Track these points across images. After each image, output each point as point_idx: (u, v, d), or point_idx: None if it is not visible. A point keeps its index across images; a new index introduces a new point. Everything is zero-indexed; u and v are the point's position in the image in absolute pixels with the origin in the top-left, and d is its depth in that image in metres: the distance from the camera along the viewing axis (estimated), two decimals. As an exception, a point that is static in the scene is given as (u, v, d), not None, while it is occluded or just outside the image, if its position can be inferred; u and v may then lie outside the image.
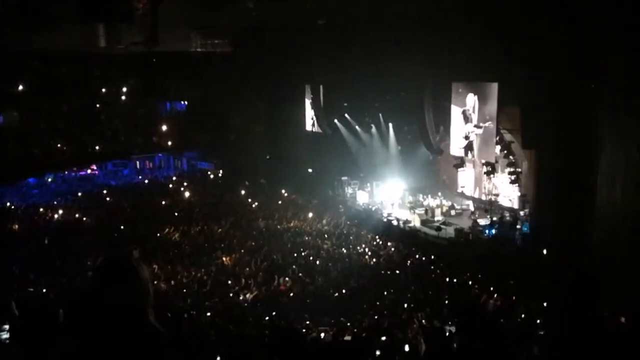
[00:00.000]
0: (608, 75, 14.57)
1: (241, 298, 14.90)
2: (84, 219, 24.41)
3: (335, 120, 27.18)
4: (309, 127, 29.28)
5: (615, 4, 13.61)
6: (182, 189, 29.70)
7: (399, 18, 19.31)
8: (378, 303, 13.92)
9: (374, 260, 18.42)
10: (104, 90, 34.06)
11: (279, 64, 27.02)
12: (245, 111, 31.95)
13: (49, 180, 32.24)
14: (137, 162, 35.73)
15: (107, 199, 28.41)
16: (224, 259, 18.21)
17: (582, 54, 14.67)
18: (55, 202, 27.36)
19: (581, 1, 14.25)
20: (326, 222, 22.96)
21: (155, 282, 14.96)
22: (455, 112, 20.37)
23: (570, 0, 14.60)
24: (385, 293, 14.73)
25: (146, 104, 35.13)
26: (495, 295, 13.79)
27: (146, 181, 33.66)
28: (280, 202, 26.47)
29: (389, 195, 24.12)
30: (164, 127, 35.38)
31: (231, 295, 15.07)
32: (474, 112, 19.57)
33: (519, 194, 19.81)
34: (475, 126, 19.59)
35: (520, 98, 17.33)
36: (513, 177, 19.58)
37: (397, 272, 16.87)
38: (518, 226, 18.68)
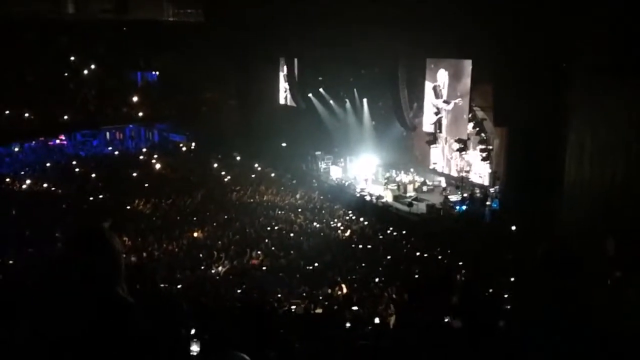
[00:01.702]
0: (579, 55, 14.76)
1: (213, 271, 14.89)
2: (53, 189, 23.96)
3: (310, 95, 27.03)
4: (282, 101, 29.07)
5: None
6: (153, 161, 29.30)
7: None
8: (349, 277, 14.07)
9: (347, 234, 18.57)
10: (72, 58, 33.13)
11: (253, 36, 26.64)
12: (218, 83, 31.55)
13: (16, 150, 31.47)
14: (107, 133, 35.03)
15: (76, 169, 27.90)
16: (195, 232, 18.13)
17: (554, 33, 14.80)
18: (22, 173, 26.77)
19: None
20: (299, 196, 23.01)
21: (126, 255, 14.83)
22: (428, 87, 20.46)
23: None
24: (357, 267, 14.88)
25: (116, 74, 34.34)
26: (464, 270, 14.05)
27: (116, 152, 33.11)
28: (253, 175, 26.37)
29: (363, 170, 24.23)
30: (135, 98, 34.69)
31: (203, 268, 15.05)
32: (444, 87, 19.68)
33: (489, 171, 20.09)
34: (444, 102, 19.72)
35: (493, 76, 17.47)
36: (484, 154, 19.83)
37: (369, 246, 17.05)
38: (488, 203, 19.00)
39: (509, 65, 16.09)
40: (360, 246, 17.11)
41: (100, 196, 22.21)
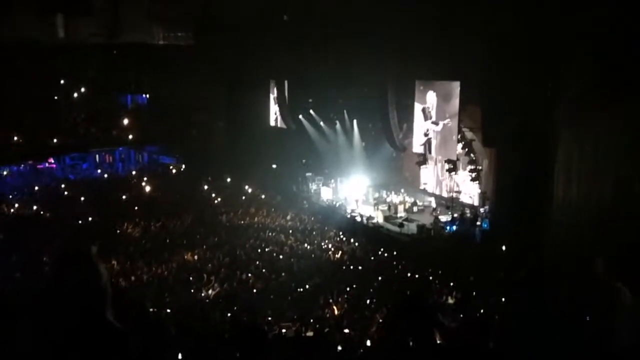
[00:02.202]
0: (564, 77, 14.97)
1: (202, 294, 14.76)
2: (41, 212, 23.76)
3: (300, 116, 27.16)
4: (272, 123, 29.17)
5: (573, 7, 13.98)
6: (142, 183, 29.18)
7: (363, 17, 19.40)
8: (340, 299, 13.99)
9: (337, 256, 18.51)
10: (62, 81, 33.14)
11: (244, 59, 26.82)
12: (208, 105, 31.63)
13: (4, 173, 31.24)
14: (97, 156, 34.91)
15: (65, 193, 27.71)
16: (185, 255, 18.00)
17: (540, 55, 15.03)
18: (11, 196, 26.54)
19: (540, 5, 14.60)
20: (290, 217, 22.95)
21: (114, 278, 14.69)
22: (417, 109, 20.65)
23: (530, 3, 14.93)
24: (348, 289, 14.81)
25: (106, 97, 34.37)
26: (455, 291, 14.04)
27: (105, 175, 32.96)
28: (243, 197, 26.31)
29: (353, 191, 24.26)
30: (125, 121, 34.67)
31: (192, 291, 14.92)
32: (433, 109, 19.87)
33: (479, 191, 20.19)
34: (433, 122, 19.89)
35: (481, 97, 17.66)
36: (474, 175, 19.95)
37: (360, 268, 16.99)
38: (478, 223, 19.06)
39: (496, 87, 16.28)
40: (351, 267, 17.05)
41: (89, 219, 22.05)
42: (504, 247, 16.67)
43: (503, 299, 11.42)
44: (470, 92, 18.25)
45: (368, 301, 13.67)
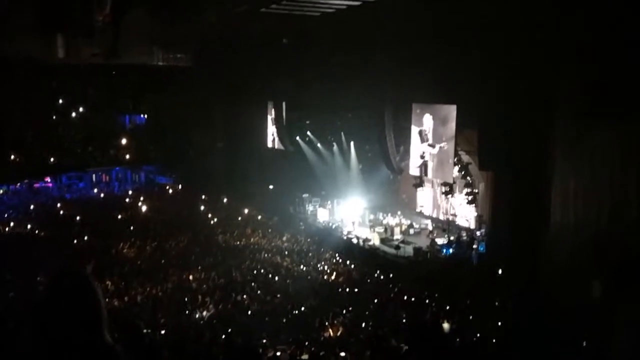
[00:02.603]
0: (560, 101, 15.10)
1: (197, 316, 14.64)
2: (36, 232, 23.65)
3: (297, 138, 27.26)
4: (270, 144, 29.26)
5: (567, 32, 14.17)
6: (139, 203, 29.11)
7: (360, 40, 19.62)
8: (336, 322, 13.89)
9: (333, 278, 18.42)
10: (61, 101, 33.26)
11: (242, 81, 27.00)
12: (206, 126, 31.74)
13: (0, 192, 31.15)
14: (93, 175, 34.89)
15: (61, 212, 27.63)
16: (180, 275, 17.88)
17: (536, 79, 15.17)
18: (6, 215, 26.44)
19: (535, 30, 14.79)
20: (286, 239, 22.89)
21: (109, 299, 14.57)
22: (414, 132, 20.76)
23: (525, 28, 15.13)
24: (344, 311, 14.72)
25: (104, 117, 34.46)
26: (452, 315, 13.96)
27: (102, 195, 32.89)
28: (240, 218, 26.26)
29: (350, 213, 24.24)
30: (123, 140, 34.74)
31: (187, 312, 14.79)
32: (429, 132, 19.98)
33: (475, 214, 20.20)
34: (429, 145, 19.97)
35: (478, 120, 17.77)
36: (470, 198, 19.98)
37: (356, 290, 16.90)
38: (474, 246, 19.03)
39: (492, 110, 16.39)
40: (347, 290, 16.97)
41: (85, 238, 21.95)
42: (500, 271, 16.63)
43: (500, 324, 11.39)
44: (466, 116, 18.36)
45: (364, 324, 13.58)
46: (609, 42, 13.09)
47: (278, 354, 10.81)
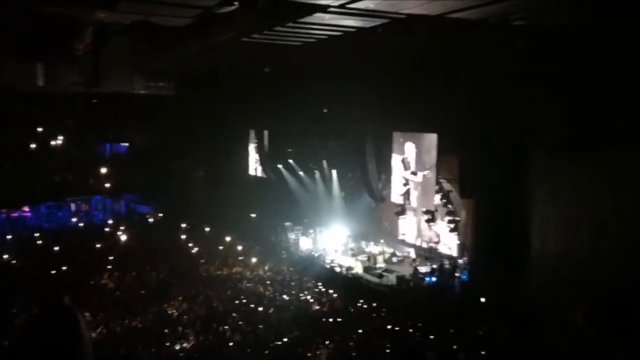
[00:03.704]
0: (538, 132, 15.38)
1: (177, 348, 14.36)
2: (13, 262, 23.13)
3: (279, 166, 27.26)
4: (252, 172, 29.21)
5: (544, 64, 14.49)
6: (118, 232, 28.69)
7: (341, 69, 19.84)
8: (319, 352, 13.72)
9: (316, 307, 18.25)
10: (40, 129, 32.92)
11: (223, 109, 27.05)
12: (187, 154, 31.62)
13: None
14: (73, 205, 34.38)
15: (39, 242, 27.10)
16: (161, 306, 17.57)
17: (514, 110, 15.44)
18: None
19: (513, 61, 15.11)
20: (268, 268, 22.68)
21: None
22: (396, 160, 20.89)
23: (504, 59, 15.44)
24: (327, 342, 14.55)
25: (84, 145, 34.15)
26: (436, 344, 13.88)
27: (81, 224, 32.38)
28: (221, 247, 25.99)
29: (332, 241, 24.15)
30: (103, 169, 34.39)
31: (167, 344, 14.50)
32: (412, 160, 20.13)
33: (458, 242, 20.27)
34: (412, 173, 20.11)
35: (458, 149, 17.96)
36: (452, 226, 20.06)
37: (339, 319, 16.74)
38: (457, 274, 19.04)
39: (472, 139, 16.59)
40: (331, 319, 16.80)
41: (63, 269, 21.50)
42: (483, 299, 16.63)
43: (484, 353, 11.35)
44: (447, 144, 18.56)
45: (348, 354, 13.42)
46: (586, 74, 13.41)
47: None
